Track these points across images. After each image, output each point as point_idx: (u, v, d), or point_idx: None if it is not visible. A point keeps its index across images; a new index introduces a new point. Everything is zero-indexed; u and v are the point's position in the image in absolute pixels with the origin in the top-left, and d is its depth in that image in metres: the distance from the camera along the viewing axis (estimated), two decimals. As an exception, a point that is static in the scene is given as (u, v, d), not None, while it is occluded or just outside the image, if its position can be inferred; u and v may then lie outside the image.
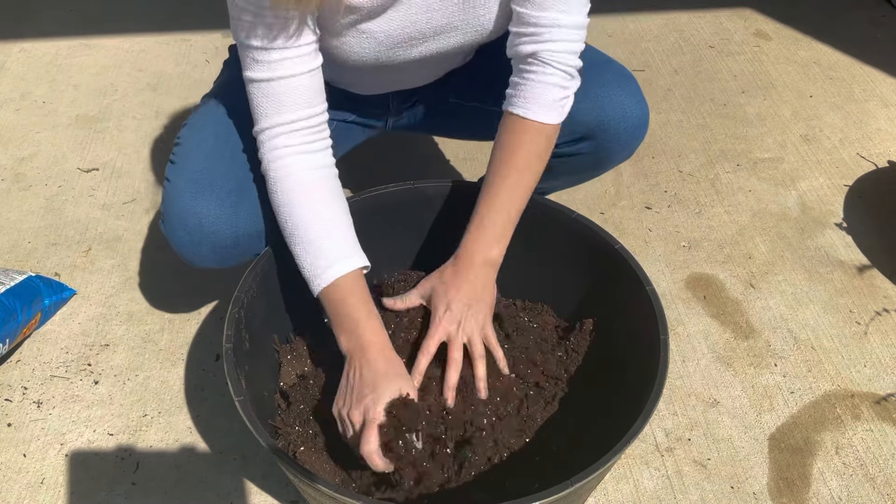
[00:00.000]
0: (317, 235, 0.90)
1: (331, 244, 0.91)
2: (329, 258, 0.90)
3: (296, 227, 0.91)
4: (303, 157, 0.92)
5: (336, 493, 0.76)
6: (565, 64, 0.93)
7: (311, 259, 0.90)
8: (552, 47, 0.92)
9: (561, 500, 0.76)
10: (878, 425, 1.17)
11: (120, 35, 2.03)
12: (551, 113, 0.94)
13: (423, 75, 1.12)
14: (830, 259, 1.43)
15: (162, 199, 1.02)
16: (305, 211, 0.91)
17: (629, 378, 0.94)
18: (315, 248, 0.90)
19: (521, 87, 0.94)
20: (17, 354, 1.24)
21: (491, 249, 0.95)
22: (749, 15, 2.14)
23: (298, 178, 0.91)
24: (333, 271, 0.89)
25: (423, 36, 0.97)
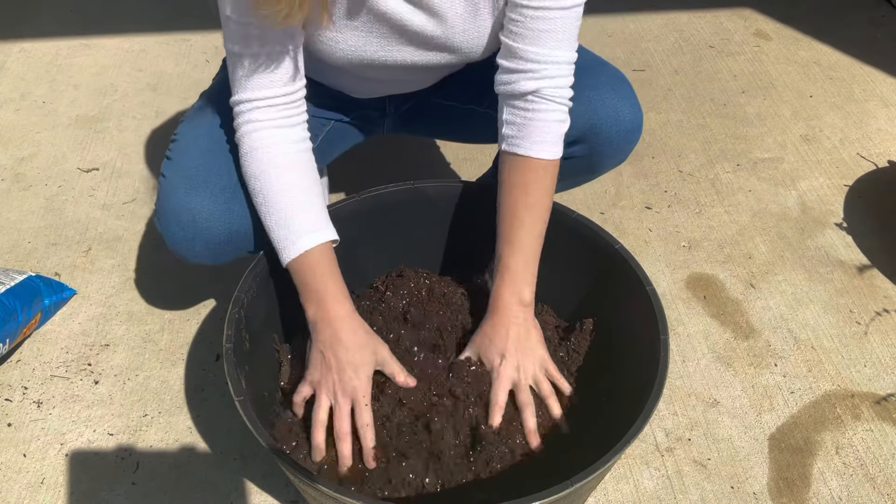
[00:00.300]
0: (288, 207, 0.92)
1: (301, 217, 0.92)
2: (299, 230, 0.91)
3: (267, 198, 0.92)
4: (280, 132, 0.93)
5: (336, 493, 0.76)
6: (564, 98, 0.94)
7: (282, 231, 0.92)
8: (553, 83, 0.92)
9: (561, 500, 0.76)
10: (878, 425, 1.17)
11: (120, 35, 2.03)
12: (556, 149, 0.95)
13: (418, 81, 1.12)
14: (830, 259, 1.43)
15: (157, 194, 1.02)
16: (278, 183, 0.92)
17: (629, 378, 0.94)
18: (286, 220, 0.91)
19: (524, 127, 0.94)
20: (17, 354, 1.24)
21: (523, 292, 0.95)
22: (749, 15, 2.14)
23: (274, 150, 0.92)
24: (303, 243, 0.91)
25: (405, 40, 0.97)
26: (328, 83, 1.11)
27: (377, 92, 1.14)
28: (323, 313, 0.91)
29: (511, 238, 0.95)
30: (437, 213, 1.13)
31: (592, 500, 1.07)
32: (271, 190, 0.92)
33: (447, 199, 1.13)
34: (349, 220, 1.09)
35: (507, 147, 0.96)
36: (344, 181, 1.55)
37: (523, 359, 0.94)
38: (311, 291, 0.92)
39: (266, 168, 0.92)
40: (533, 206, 0.95)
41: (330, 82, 1.11)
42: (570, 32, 0.92)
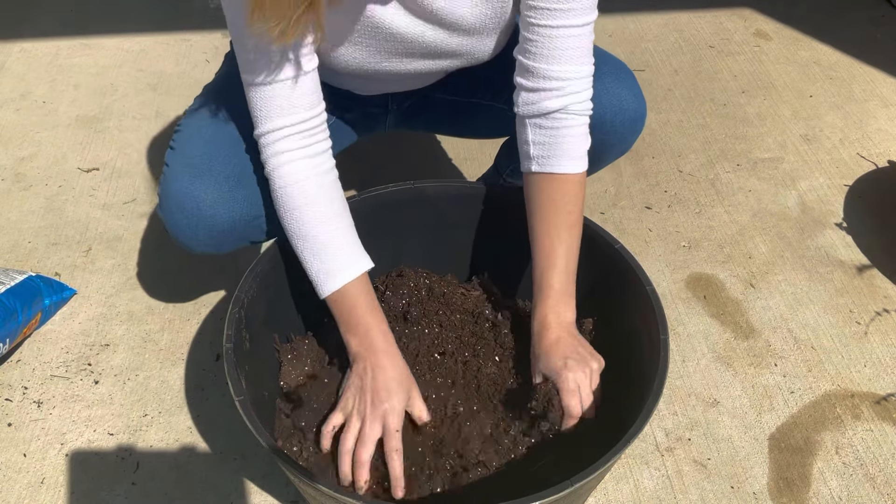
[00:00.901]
0: (324, 241, 0.91)
1: (337, 250, 0.92)
2: (336, 264, 0.91)
3: (302, 233, 0.92)
4: (306, 162, 0.92)
5: (336, 493, 0.76)
6: (588, 111, 0.94)
7: (318, 265, 0.92)
8: (578, 98, 0.92)
9: (561, 500, 0.76)
10: (878, 425, 1.17)
11: (120, 35, 2.03)
12: (584, 162, 0.95)
13: (422, 82, 1.12)
14: (830, 259, 1.43)
15: (160, 183, 1.02)
16: (312, 217, 0.92)
17: (629, 378, 0.94)
18: (322, 254, 0.91)
19: (553, 146, 0.94)
20: (18, 354, 1.24)
21: (566, 314, 0.94)
22: (749, 15, 2.14)
23: (304, 184, 0.92)
24: (342, 277, 0.91)
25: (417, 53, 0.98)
26: (332, 83, 1.11)
27: (382, 90, 1.14)
28: (367, 344, 0.91)
29: (553, 259, 0.94)
30: (437, 213, 1.13)
31: (592, 500, 1.07)
32: (307, 224, 0.92)
33: (447, 199, 1.13)
34: (349, 220, 1.09)
35: (536, 168, 0.95)
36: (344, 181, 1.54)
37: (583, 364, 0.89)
38: (353, 325, 0.92)
39: (299, 203, 0.91)
40: (572, 225, 0.95)
41: (333, 82, 1.11)
42: (587, 47, 0.92)
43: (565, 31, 0.90)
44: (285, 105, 0.89)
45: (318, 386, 1.01)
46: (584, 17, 0.90)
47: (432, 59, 1.00)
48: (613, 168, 1.61)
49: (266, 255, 1.00)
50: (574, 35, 0.90)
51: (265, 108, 0.90)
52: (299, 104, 0.90)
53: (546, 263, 0.95)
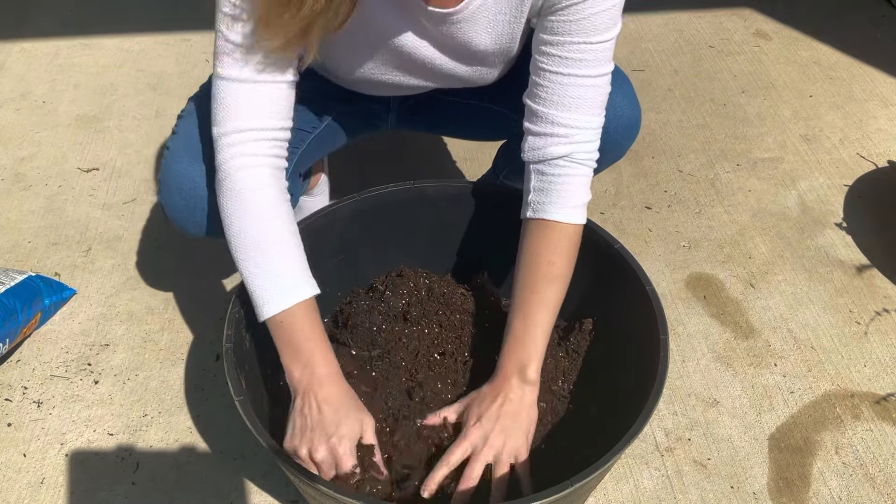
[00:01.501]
0: (273, 259, 0.86)
1: (285, 270, 0.86)
2: (286, 284, 0.86)
3: (250, 244, 0.86)
4: (273, 172, 0.88)
5: (336, 493, 0.76)
6: (593, 161, 0.92)
7: (262, 282, 0.85)
8: (584, 148, 0.91)
9: (561, 499, 0.76)
10: (878, 425, 1.17)
11: (120, 35, 2.03)
12: (581, 214, 0.93)
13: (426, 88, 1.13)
14: (830, 259, 1.43)
15: (161, 168, 1.01)
16: (265, 231, 0.86)
17: (629, 378, 0.94)
18: (271, 272, 0.85)
19: (551, 192, 0.91)
20: (17, 354, 1.24)
21: (528, 368, 0.89)
22: (749, 15, 2.14)
23: (269, 192, 0.87)
24: (289, 298, 0.85)
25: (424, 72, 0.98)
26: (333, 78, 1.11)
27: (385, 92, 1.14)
28: (309, 374, 0.85)
29: (527, 311, 0.91)
30: (437, 213, 1.13)
31: (592, 500, 1.07)
32: (259, 237, 0.85)
33: (447, 199, 1.13)
34: (349, 220, 1.09)
35: (531, 214, 0.93)
36: (344, 181, 1.55)
37: (496, 434, 0.86)
38: (295, 351, 0.86)
39: (261, 212, 0.86)
40: (555, 279, 0.91)
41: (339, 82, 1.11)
42: (600, 99, 0.90)
43: (578, 80, 0.88)
44: (266, 107, 0.85)
45: None
46: (599, 69, 0.88)
47: (436, 79, 1.00)
48: (613, 168, 1.61)
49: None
50: (587, 85, 0.88)
51: (242, 106, 0.85)
52: (280, 110, 0.87)
53: (519, 314, 0.91)
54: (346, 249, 1.12)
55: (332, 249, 1.10)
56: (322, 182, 1.42)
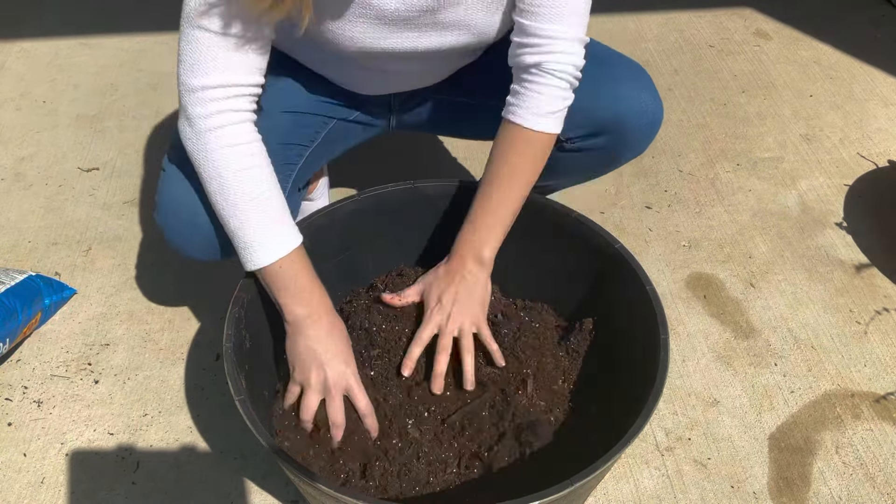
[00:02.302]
0: (267, 207, 0.90)
1: (279, 218, 0.91)
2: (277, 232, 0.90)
3: (237, 200, 0.88)
4: (250, 127, 0.90)
5: (336, 493, 0.76)
6: (567, 74, 0.94)
7: (257, 233, 0.89)
8: (556, 59, 0.92)
9: (561, 499, 0.76)
10: (878, 425, 1.17)
11: (120, 35, 2.03)
12: (549, 122, 0.95)
13: (426, 75, 1.12)
14: (830, 259, 1.43)
15: (157, 188, 1.02)
16: (249, 186, 0.89)
17: (629, 378, 0.94)
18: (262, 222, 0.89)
19: (521, 96, 0.95)
20: (18, 354, 1.24)
21: (482, 250, 0.97)
22: (749, 15, 2.14)
23: (254, 147, 0.89)
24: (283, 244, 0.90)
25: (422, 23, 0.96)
26: (333, 80, 1.11)
27: (385, 88, 1.13)
28: (311, 310, 0.91)
29: (485, 204, 0.97)
30: (437, 213, 1.13)
31: (592, 499, 1.07)
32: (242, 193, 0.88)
33: (447, 199, 1.13)
34: (349, 220, 1.09)
35: (504, 114, 0.97)
36: (344, 181, 1.55)
37: (457, 311, 0.96)
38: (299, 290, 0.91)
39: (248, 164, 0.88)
40: (514, 174, 0.96)
41: (335, 78, 1.11)
42: (577, 9, 0.91)
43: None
44: (246, 62, 0.86)
45: None
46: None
47: (437, 31, 0.97)
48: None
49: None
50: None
51: (222, 60, 0.84)
52: (257, 65, 0.87)
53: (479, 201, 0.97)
54: (346, 249, 1.12)
55: (332, 249, 1.10)
56: (321, 185, 1.42)
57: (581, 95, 0.99)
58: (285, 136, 1.07)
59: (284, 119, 1.07)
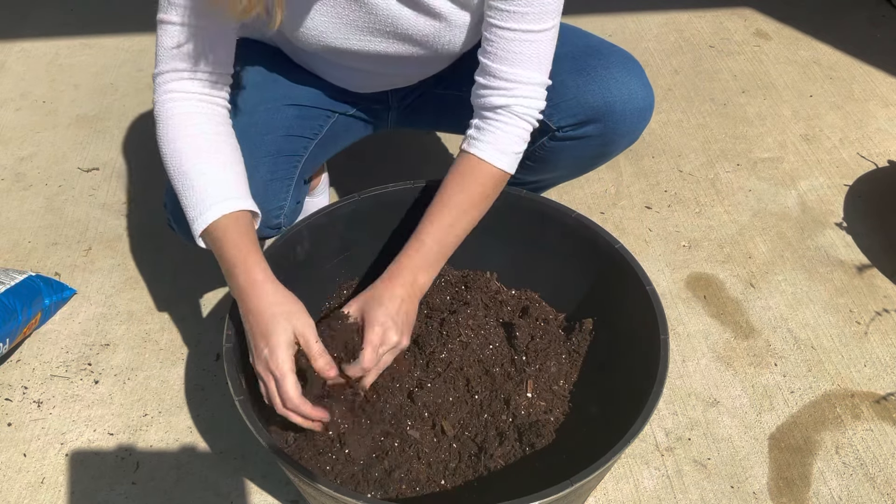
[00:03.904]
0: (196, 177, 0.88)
1: (214, 186, 0.88)
2: (210, 198, 0.87)
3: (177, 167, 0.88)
4: (202, 104, 0.91)
5: (336, 493, 0.76)
6: (531, 118, 0.95)
7: (193, 199, 0.87)
8: (523, 102, 0.93)
9: (561, 499, 0.76)
10: (878, 425, 1.17)
11: (120, 35, 2.03)
12: (509, 161, 0.96)
13: (411, 76, 1.12)
14: (830, 259, 1.43)
15: (166, 182, 1.02)
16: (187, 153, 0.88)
17: (629, 378, 0.94)
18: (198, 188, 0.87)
19: (486, 132, 0.95)
20: (18, 354, 1.24)
21: (418, 276, 0.93)
22: (749, 15, 2.14)
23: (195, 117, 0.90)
24: (213, 212, 0.86)
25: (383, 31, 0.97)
26: (324, 75, 1.12)
27: (372, 86, 1.14)
28: (235, 283, 0.86)
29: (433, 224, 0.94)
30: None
31: (592, 499, 1.07)
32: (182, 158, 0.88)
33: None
34: (349, 220, 1.09)
35: (464, 146, 0.97)
36: (344, 181, 1.55)
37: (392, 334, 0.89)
38: (225, 262, 0.86)
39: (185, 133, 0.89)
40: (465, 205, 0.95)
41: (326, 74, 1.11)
42: (543, 55, 0.93)
43: (521, 35, 0.90)
44: (195, 53, 0.88)
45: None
46: (540, 23, 0.90)
47: (398, 41, 0.99)
48: (613, 168, 1.61)
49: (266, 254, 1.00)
50: (529, 40, 0.91)
51: (173, 49, 0.88)
52: (209, 56, 0.89)
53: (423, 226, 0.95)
54: (346, 249, 1.12)
55: (333, 249, 1.10)
56: (323, 182, 1.42)
57: (572, 83, 1.00)
58: (291, 128, 1.08)
59: (289, 112, 1.08)
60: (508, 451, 0.94)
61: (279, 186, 1.04)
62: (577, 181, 1.56)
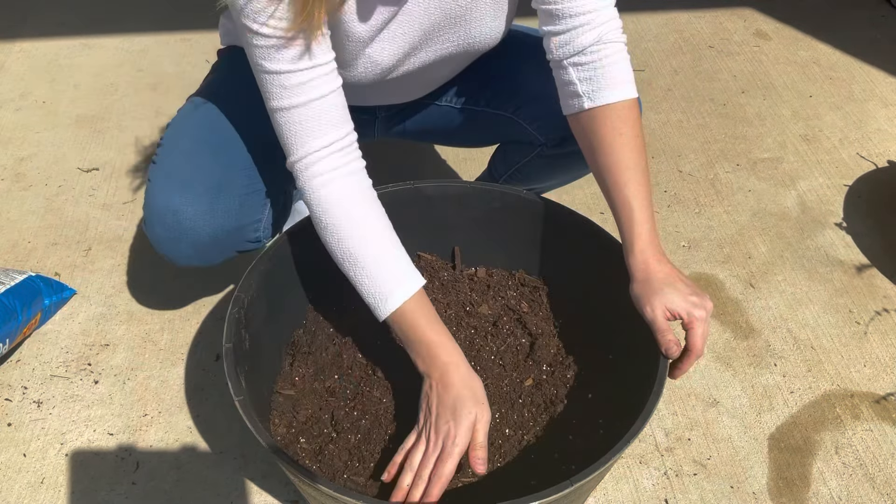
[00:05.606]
0: (374, 262, 0.89)
1: (388, 269, 0.89)
2: (390, 283, 0.89)
3: (351, 255, 0.89)
4: (346, 181, 0.90)
5: (336, 493, 0.76)
6: (623, 36, 0.93)
7: (373, 287, 0.89)
8: (611, 26, 0.91)
9: (561, 499, 0.76)
10: (877, 425, 1.17)
11: (120, 35, 2.03)
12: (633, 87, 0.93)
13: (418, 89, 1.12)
14: (830, 259, 1.44)
15: (144, 199, 1.02)
16: (360, 239, 0.89)
17: (629, 378, 0.94)
18: (374, 275, 0.89)
19: (597, 79, 0.91)
20: (17, 354, 1.24)
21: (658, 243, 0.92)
22: (749, 15, 2.14)
23: (346, 205, 0.89)
24: (397, 297, 0.88)
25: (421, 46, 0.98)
26: None
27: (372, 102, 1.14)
28: (430, 362, 0.89)
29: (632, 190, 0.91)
30: (436, 213, 1.13)
31: (592, 499, 1.07)
32: (354, 248, 0.89)
33: (447, 199, 1.12)
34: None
35: (589, 103, 0.92)
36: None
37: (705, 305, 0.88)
38: (416, 343, 0.89)
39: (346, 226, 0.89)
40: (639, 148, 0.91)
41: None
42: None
43: None
44: (322, 124, 0.88)
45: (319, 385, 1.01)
46: None
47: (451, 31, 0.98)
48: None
49: (265, 255, 1.00)
50: None
51: (301, 130, 0.88)
52: (335, 121, 0.88)
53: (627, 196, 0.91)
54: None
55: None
56: None
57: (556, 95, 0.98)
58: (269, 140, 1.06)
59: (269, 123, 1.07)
60: (508, 450, 0.94)
61: (256, 200, 1.03)
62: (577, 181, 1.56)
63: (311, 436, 0.95)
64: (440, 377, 0.87)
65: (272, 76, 0.85)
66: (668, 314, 0.86)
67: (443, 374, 0.87)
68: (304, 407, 0.98)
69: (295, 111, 0.87)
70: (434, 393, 0.87)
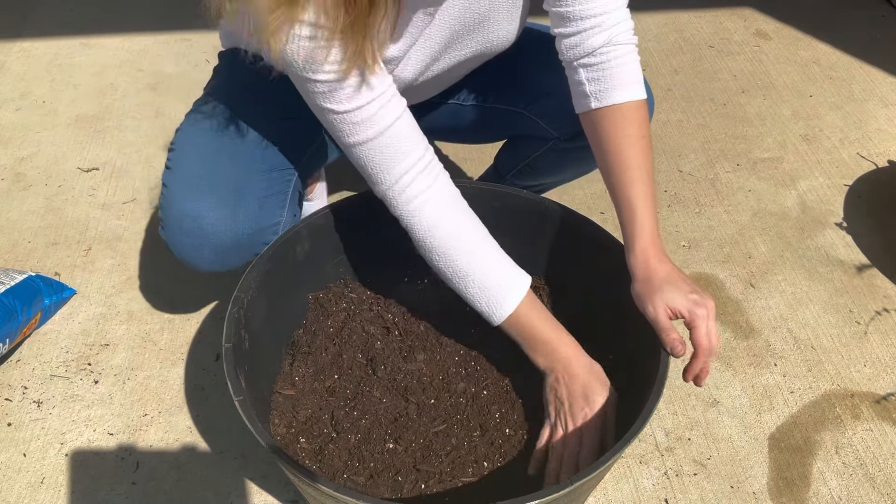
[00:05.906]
0: (482, 274, 0.91)
1: (496, 278, 0.92)
2: (501, 292, 0.91)
3: (459, 271, 0.91)
4: (439, 199, 0.91)
5: (336, 493, 0.76)
6: (633, 38, 0.93)
7: (484, 297, 0.92)
8: (621, 28, 0.91)
9: (561, 499, 0.76)
10: (877, 425, 1.17)
11: (120, 35, 2.03)
12: (641, 87, 0.93)
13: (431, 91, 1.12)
14: (830, 259, 1.43)
15: (160, 205, 1.02)
16: (465, 254, 0.91)
17: (629, 378, 0.94)
18: (484, 286, 0.91)
19: (605, 80, 0.92)
20: (17, 354, 1.24)
21: (660, 243, 0.96)
22: (749, 15, 2.14)
23: (446, 225, 0.91)
24: (510, 302, 0.91)
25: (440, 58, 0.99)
26: None
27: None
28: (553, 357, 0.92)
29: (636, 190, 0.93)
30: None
31: (592, 499, 1.07)
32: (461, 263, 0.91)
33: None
34: (349, 220, 1.09)
35: (596, 103, 0.93)
36: (344, 181, 1.55)
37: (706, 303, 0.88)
38: (534, 342, 0.93)
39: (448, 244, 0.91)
40: (644, 149, 0.93)
41: None
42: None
43: None
44: (402, 148, 0.88)
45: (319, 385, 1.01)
46: None
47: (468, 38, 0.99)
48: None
49: (265, 255, 1.00)
50: None
51: (383, 159, 0.88)
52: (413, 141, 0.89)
53: (630, 195, 0.93)
54: (346, 249, 1.12)
55: (333, 249, 1.10)
56: (319, 189, 1.42)
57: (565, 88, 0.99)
58: (283, 142, 1.07)
59: (281, 125, 1.07)
60: (508, 450, 0.94)
61: (275, 202, 1.03)
62: (577, 181, 1.56)
63: (311, 436, 0.95)
64: (564, 369, 0.92)
65: (338, 116, 0.85)
66: (670, 313, 0.87)
67: (566, 366, 0.92)
68: (304, 407, 0.98)
69: (371, 143, 0.87)
70: (562, 385, 0.92)
